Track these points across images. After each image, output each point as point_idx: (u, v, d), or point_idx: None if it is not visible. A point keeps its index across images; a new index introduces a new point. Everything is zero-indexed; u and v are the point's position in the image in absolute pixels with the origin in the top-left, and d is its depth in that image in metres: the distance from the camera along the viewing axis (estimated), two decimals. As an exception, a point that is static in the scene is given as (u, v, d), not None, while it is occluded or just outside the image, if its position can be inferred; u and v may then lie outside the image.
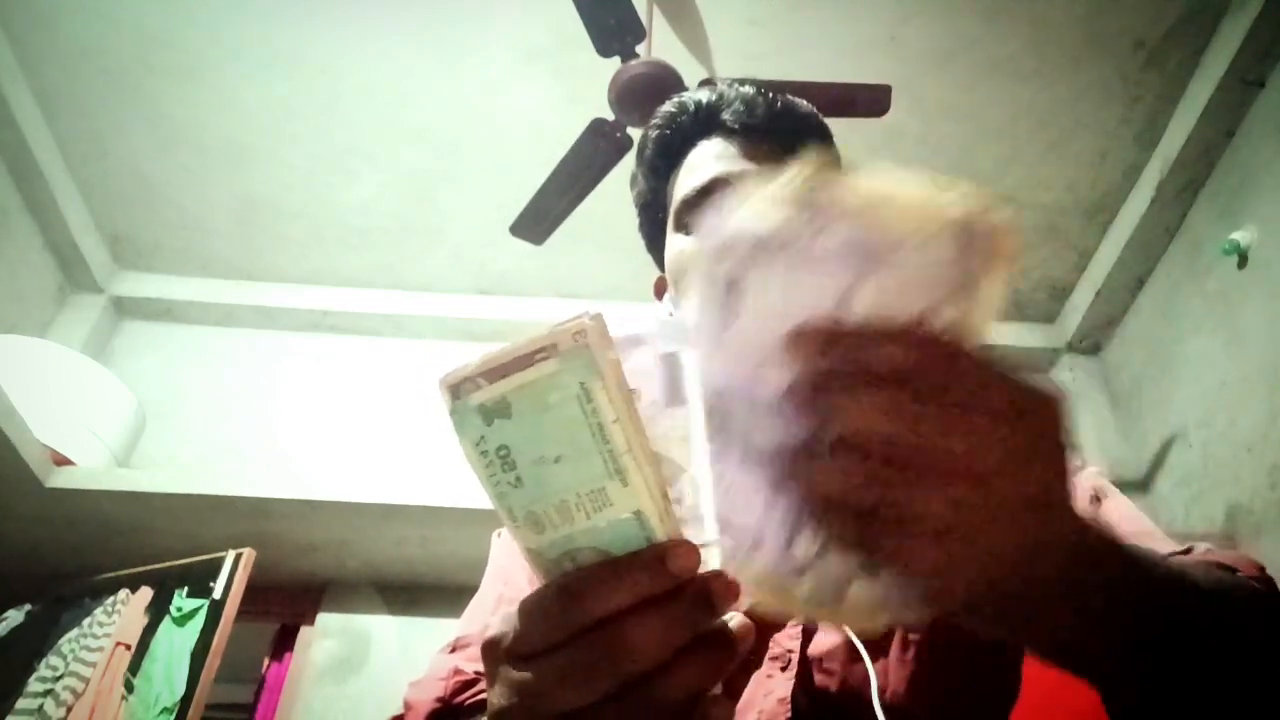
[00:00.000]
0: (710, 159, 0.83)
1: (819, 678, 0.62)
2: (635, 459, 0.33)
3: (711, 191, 0.81)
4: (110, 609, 2.22)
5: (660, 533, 0.34)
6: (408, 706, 0.66)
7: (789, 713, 0.60)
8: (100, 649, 2.11)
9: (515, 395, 0.33)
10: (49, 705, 1.99)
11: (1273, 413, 2.29)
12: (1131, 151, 2.81)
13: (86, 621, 2.19)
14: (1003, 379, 0.32)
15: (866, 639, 0.61)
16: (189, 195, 2.96)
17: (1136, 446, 2.94)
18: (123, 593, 2.26)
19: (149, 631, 2.18)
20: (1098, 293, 3.05)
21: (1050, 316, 3.29)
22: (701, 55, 2.44)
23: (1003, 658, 0.68)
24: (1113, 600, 0.37)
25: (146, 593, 2.27)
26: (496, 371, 0.33)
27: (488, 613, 0.73)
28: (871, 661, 0.60)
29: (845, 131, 0.97)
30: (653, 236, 0.93)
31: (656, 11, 2.39)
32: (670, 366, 0.35)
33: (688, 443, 0.36)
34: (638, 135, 0.94)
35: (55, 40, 2.56)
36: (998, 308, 0.33)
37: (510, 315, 3.22)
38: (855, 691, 0.60)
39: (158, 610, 2.22)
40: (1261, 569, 0.56)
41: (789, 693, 0.60)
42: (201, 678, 1.99)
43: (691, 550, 0.35)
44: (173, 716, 1.94)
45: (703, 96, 0.86)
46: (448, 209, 3.00)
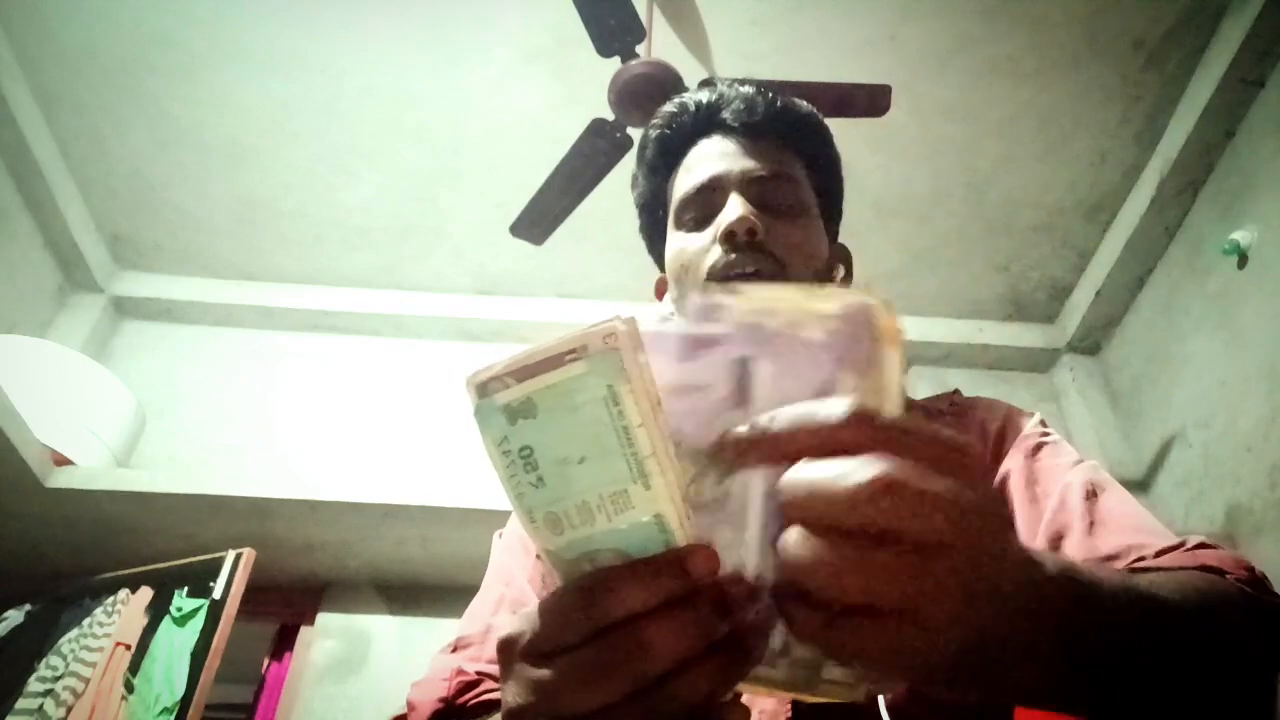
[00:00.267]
0: (710, 157, 0.83)
1: (819, 677, 0.61)
2: (659, 462, 0.33)
3: (712, 190, 0.81)
4: (110, 609, 2.22)
5: (680, 537, 0.35)
6: (410, 707, 0.66)
7: (789, 712, 0.59)
8: (100, 649, 2.11)
9: (541, 396, 0.33)
10: (49, 705, 1.99)
11: (1273, 413, 2.29)
12: (1131, 151, 2.81)
13: (86, 621, 2.19)
14: (930, 438, 0.33)
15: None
16: (189, 195, 2.96)
17: (1136, 446, 2.94)
18: (123, 593, 2.26)
19: (149, 631, 2.18)
20: (1098, 293, 3.05)
21: (1050, 316, 3.29)
22: (701, 55, 2.44)
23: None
24: (1081, 640, 0.36)
25: (146, 593, 2.27)
26: (525, 371, 0.34)
27: (489, 613, 0.73)
28: None
29: (845, 131, 0.97)
30: (653, 236, 0.93)
31: (656, 11, 2.39)
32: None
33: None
34: (638, 135, 0.94)
35: (55, 40, 2.57)
36: (902, 386, 0.35)
37: (510, 315, 3.23)
38: (856, 690, 0.60)
39: (158, 610, 2.22)
40: (1250, 569, 0.56)
41: (789, 692, 0.60)
42: (201, 678, 1.99)
43: (711, 554, 0.35)
44: (173, 716, 1.94)
45: (703, 96, 0.86)
46: (448, 209, 3.00)
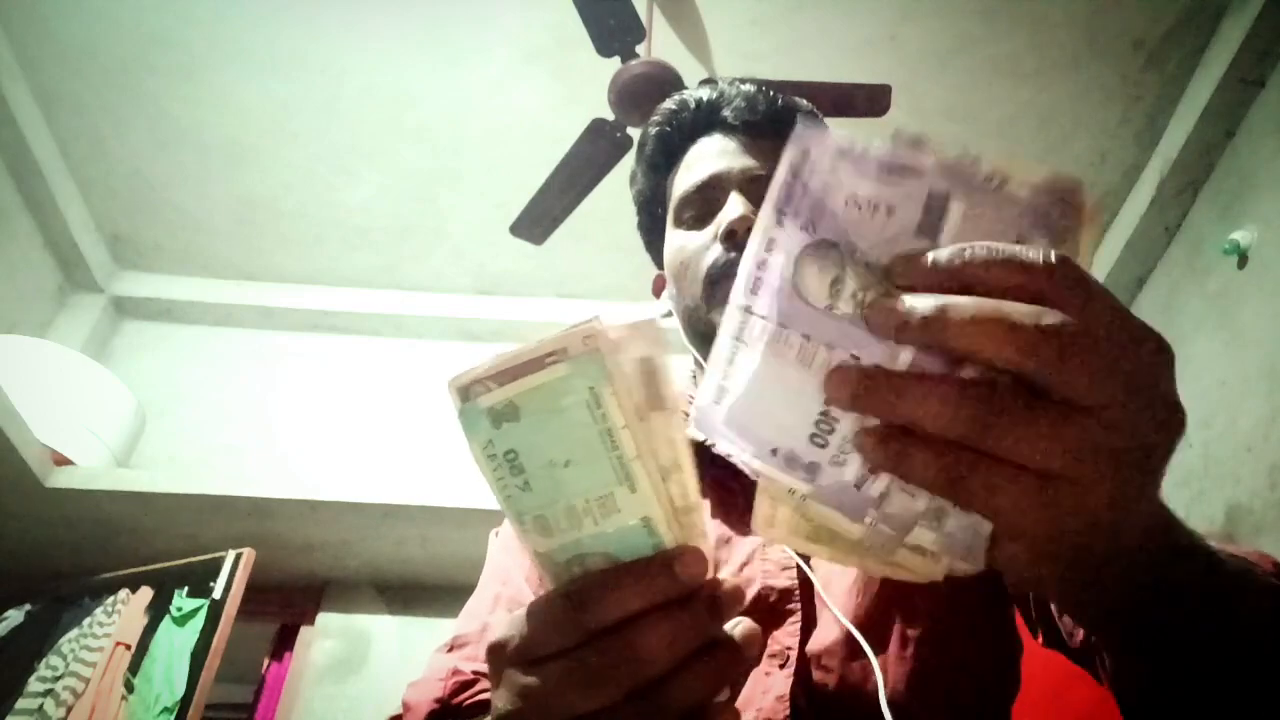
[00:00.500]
0: (710, 155, 0.83)
1: (818, 675, 0.61)
2: (645, 465, 0.33)
3: (711, 188, 0.81)
4: (110, 609, 2.22)
5: (668, 539, 0.34)
6: (406, 707, 0.66)
7: (787, 710, 0.59)
8: (100, 649, 2.11)
9: (524, 399, 0.33)
10: (49, 705, 1.99)
11: (1273, 413, 2.29)
12: (1131, 151, 2.81)
13: (86, 621, 2.19)
14: (1126, 316, 0.31)
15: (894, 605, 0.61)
16: (189, 195, 2.96)
17: (1137, 446, 2.93)
18: (123, 593, 2.26)
19: (149, 631, 2.18)
20: (1097, 293, 3.05)
21: (1050, 316, 3.29)
22: (701, 55, 2.44)
23: (1003, 655, 0.68)
24: (1174, 581, 0.36)
25: (146, 593, 2.27)
26: (507, 374, 0.33)
27: (485, 612, 0.72)
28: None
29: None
30: (652, 234, 0.93)
31: (656, 11, 2.39)
32: (649, 370, 0.34)
33: (672, 446, 0.35)
34: (637, 135, 0.93)
35: (55, 40, 2.57)
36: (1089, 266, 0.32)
37: (510, 315, 3.23)
38: (854, 688, 0.60)
39: (158, 610, 2.22)
40: (1276, 564, 0.56)
41: (787, 690, 0.60)
42: (201, 678, 1.99)
43: (700, 557, 0.35)
44: (173, 716, 1.94)
45: (704, 94, 0.86)
46: (448, 209, 3.00)
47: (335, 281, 3.22)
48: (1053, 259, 0.30)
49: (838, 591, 0.65)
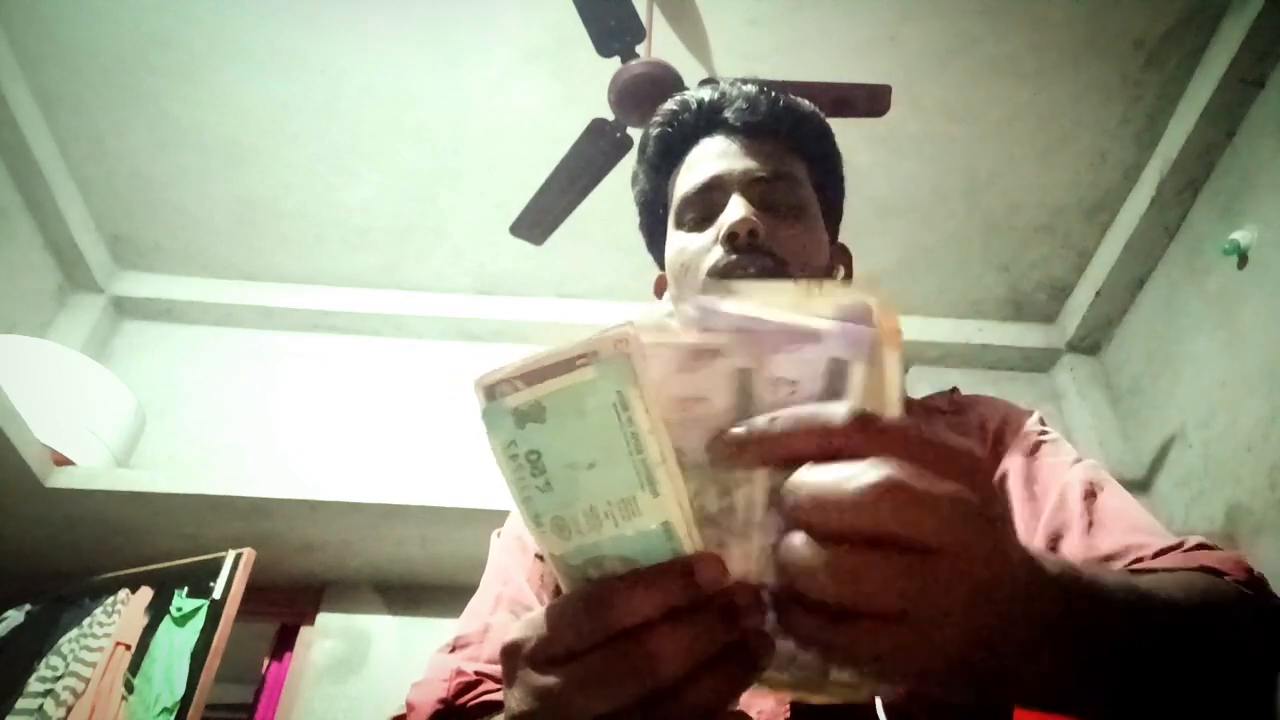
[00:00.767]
0: (712, 157, 0.83)
1: (819, 677, 0.61)
2: (668, 470, 0.33)
3: (713, 190, 0.81)
4: (110, 609, 2.22)
5: (687, 545, 0.34)
6: (410, 708, 0.66)
7: (788, 713, 0.59)
8: (100, 649, 2.11)
9: (551, 400, 0.33)
10: (49, 705, 1.99)
11: (1273, 413, 2.29)
12: (1131, 151, 2.81)
13: (86, 621, 2.19)
14: (931, 442, 0.33)
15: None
16: (189, 195, 2.96)
17: (1136, 446, 2.93)
18: (123, 593, 2.26)
19: (149, 631, 2.18)
20: (1098, 293, 3.05)
21: (1050, 316, 3.29)
22: (701, 55, 2.44)
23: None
24: (1081, 641, 0.36)
25: (146, 593, 2.27)
26: (535, 375, 0.33)
27: (487, 612, 0.72)
28: None
29: (845, 131, 0.96)
30: (653, 234, 0.93)
31: (656, 11, 2.39)
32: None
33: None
34: (638, 135, 0.93)
35: (55, 40, 2.57)
36: (902, 386, 0.34)
37: (510, 315, 3.23)
38: (856, 690, 0.60)
39: (158, 610, 2.22)
40: (1249, 570, 0.56)
41: (789, 692, 0.60)
42: (201, 678, 1.99)
43: (718, 563, 0.35)
44: (173, 716, 1.94)
45: (705, 94, 0.86)
46: (448, 209, 3.00)
47: (335, 281, 3.22)
48: (844, 418, 0.32)
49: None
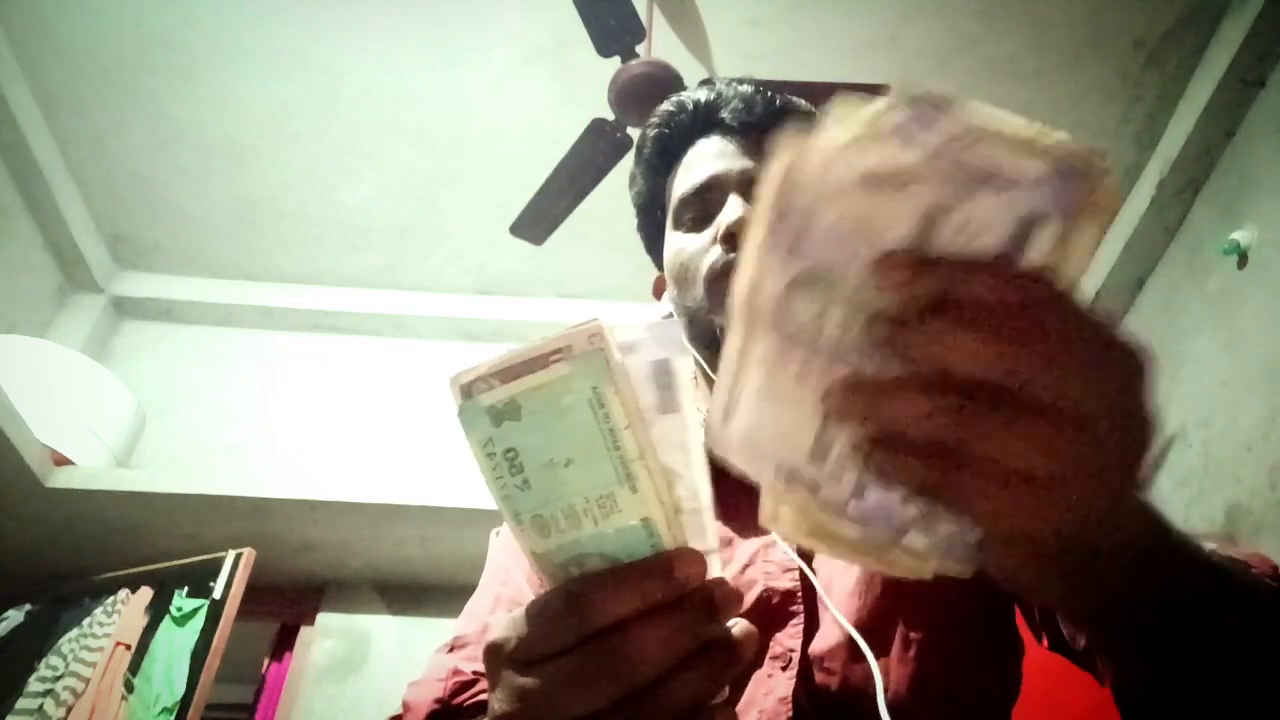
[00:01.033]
0: (709, 157, 0.83)
1: (820, 677, 0.61)
2: (646, 466, 0.33)
3: (710, 190, 0.81)
4: (110, 609, 2.22)
5: (667, 540, 0.34)
6: (406, 707, 0.66)
7: (790, 712, 0.59)
8: (100, 649, 2.11)
9: (526, 397, 0.33)
10: (49, 705, 1.99)
11: (1273, 413, 2.29)
12: (1131, 151, 2.81)
13: (86, 621, 2.19)
14: (1100, 326, 0.31)
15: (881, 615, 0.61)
16: (189, 195, 2.96)
17: (1136, 446, 2.93)
18: (123, 593, 2.26)
19: (149, 631, 2.18)
20: (1098, 293, 3.05)
21: (1050, 316, 3.29)
22: (701, 55, 2.44)
23: (1004, 658, 0.68)
24: (1166, 581, 0.36)
25: (146, 593, 2.27)
26: (509, 372, 0.33)
27: (486, 612, 0.72)
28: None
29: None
30: (652, 236, 0.93)
31: (656, 11, 2.39)
32: (662, 372, 0.35)
33: (683, 449, 0.35)
34: (637, 135, 0.93)
35: (55, 40, 2.57)
36: (1091, 256, 0.32)
37: (510, 315, 3.23)
38: (856, 690, 0.60)
39: (158, 610, 2.22)
40: (1275, 567, 0.56)
41: (790, 692, 0.60)
42: (201, 678, 1.99)
43: (698, 558, 0.35)
44: (173, 716, 1.94)
45: (701, 95, 0.86)
46: (448, 209, 3.00)
47: (335, 281, 3.22)
48: (1031, 273, 0.30)
49: (839, 593, 0.65)
